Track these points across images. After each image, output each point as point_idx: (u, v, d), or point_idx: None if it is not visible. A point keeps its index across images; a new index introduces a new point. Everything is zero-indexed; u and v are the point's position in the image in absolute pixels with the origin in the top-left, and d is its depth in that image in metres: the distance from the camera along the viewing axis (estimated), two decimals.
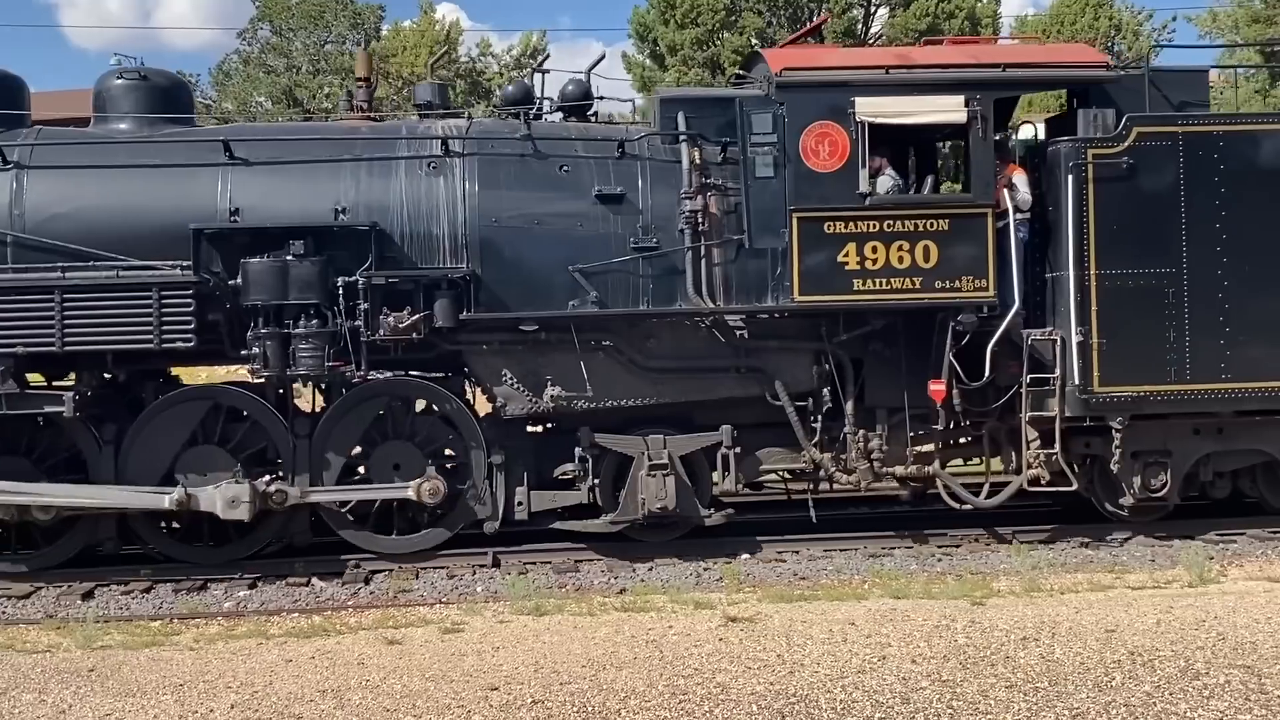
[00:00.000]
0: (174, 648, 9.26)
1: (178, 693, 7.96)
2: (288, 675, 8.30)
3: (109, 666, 8.65)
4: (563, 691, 7.70)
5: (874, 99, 11.49)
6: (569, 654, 8.54)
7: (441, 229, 11.59)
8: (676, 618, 9.56)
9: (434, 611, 10.16)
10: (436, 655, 8.64)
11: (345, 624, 9.84)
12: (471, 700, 7.58)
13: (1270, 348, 11.69)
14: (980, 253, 11.53)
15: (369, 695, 7.73)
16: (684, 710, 7.35)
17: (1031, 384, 11.70)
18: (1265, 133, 11.75)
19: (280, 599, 10.93)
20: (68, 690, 8.07)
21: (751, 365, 11.91)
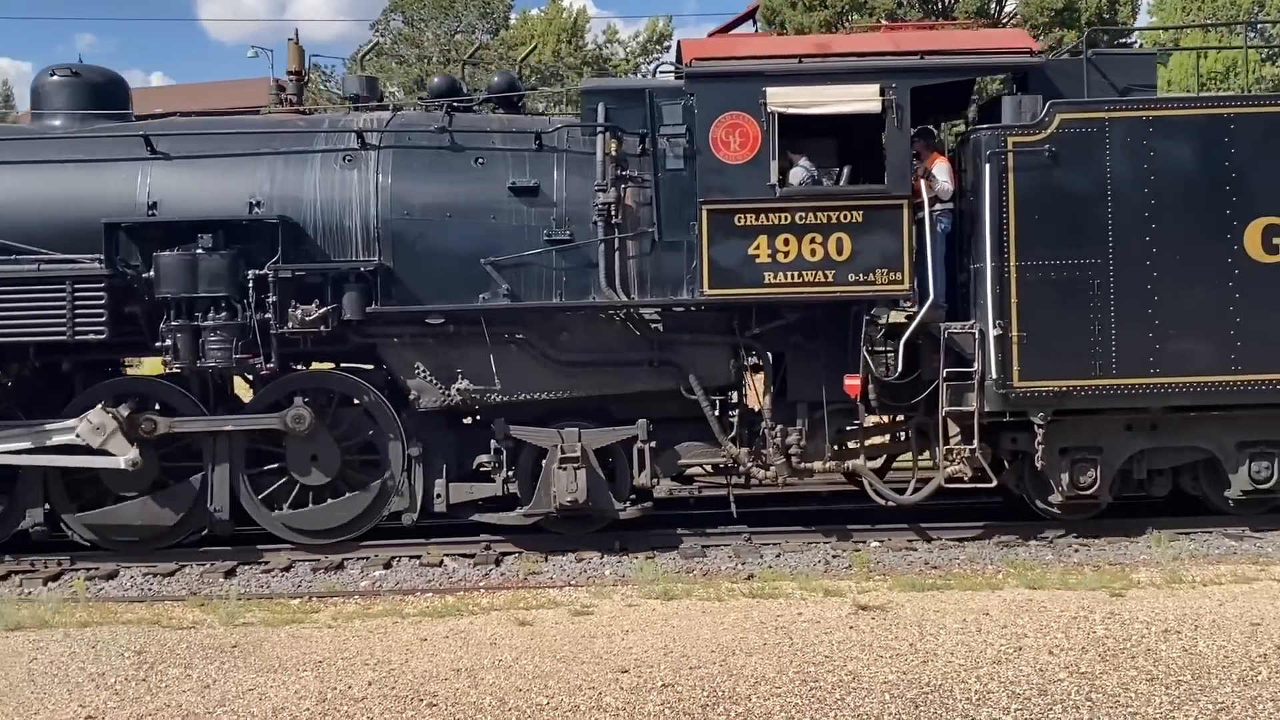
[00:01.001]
0: (313, 625, 9.45)
1: (317, 669, 8.10)
2: (423, 654, 8.42)
3: (251, 643, 8.85)
4: (692, 676, 7.71)
5: (785, 89, 11.26)
6: (698, 638, 8.55)
7: (354, 221, 11.62)
8: (805, 604, 9.52)
9: (563, 594, 10.26)
10: (567, 637, 8.73)
11: (477, 604, 9.98)
12: (602, 682, 7.63)
13: (1201, 341, 11.27)
14: (895, 245, 11.26)
15: (502, 675, 7.83)
16: (815, 698, 7.31)
17: (952, 379, 11.41)
18: (1197, 117, 11.32)
19: (414, 579, 11.15)
20: (212, 665, 8.26)
21: (666, 359, 11.78)
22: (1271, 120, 11.29)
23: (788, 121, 11.41)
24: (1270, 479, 11.58)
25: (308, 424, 11.60)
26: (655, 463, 11.87)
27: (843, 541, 11.96)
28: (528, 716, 7.13)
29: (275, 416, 11.66)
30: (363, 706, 7.32)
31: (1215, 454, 11.68)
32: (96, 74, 12.71)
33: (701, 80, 11.35)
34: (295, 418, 11.59)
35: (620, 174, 11.56)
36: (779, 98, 11.24)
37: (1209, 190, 11.25)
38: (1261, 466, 11.58)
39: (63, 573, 11.55)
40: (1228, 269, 11.22)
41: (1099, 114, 11.28)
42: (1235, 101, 11.46)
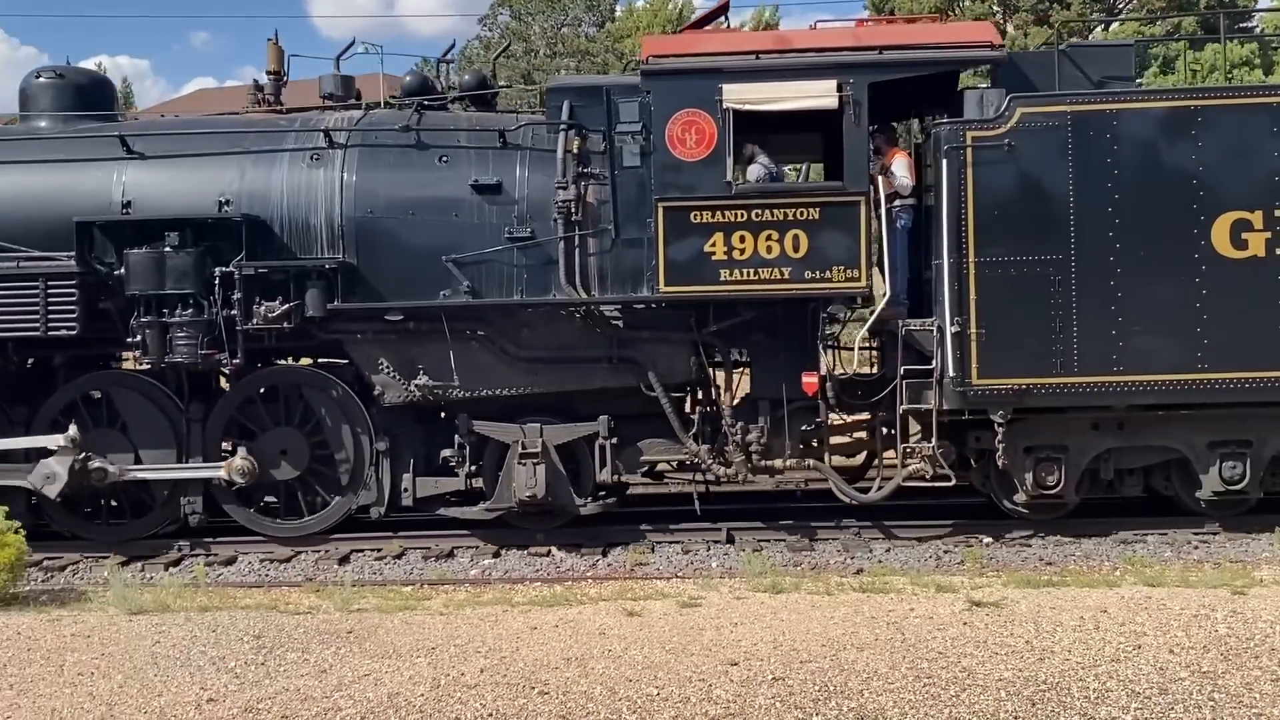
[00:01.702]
0: (425, 612, 9.58)
1: (430, 655, 8.19)
2: (533, 642, 8.50)
3: (366, 628, 8.99)
4: (803, 670, 7.68)
5: (742, 85, 11.22)
6: (807, 632, 8.52)
7: (319, 219, 11.80)
8: (918, 600, 9.48)
9: (670, 585, 10.31)
10: (675, 628, 8.74)
11: (585, 594, 10.08)
12: (712, 674, 7.63)
13: (1167, 338, 11.04)
14: (852, 242, 11.16)
15: (611, 665, 7.86)
16: (929, 694, 7.24)
17: (913, 376, 11.29)
18: (1163, 109, 11.08)
19: (523, 568, 11.33)
20: (328, 650, 8.40)
21: (625, 356, 11.80)
22: (1240, 112, 11.02)
23: (749, 118, 11.39)
24: (1242, 480, 11.31)
25: (251, 476, 11.80)
26: (617, 459, 11.90)
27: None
28: (638, 707, 7.13)
29: (220, 466, 11.86)
30: (475, 693, 7.39)
31: (1186, 454, 11.43)
32: (82, 76, 13.08)
33: (657, 77, 11.35)
34: (239, 470, 11.79)
35: (582, 171, 11.59)
36: (735, 94, 11.20)
37: (1175, 184, 11.00)
38: (1233, 467, 11.31)
39: (182, 558, 11.87)
40: (1194, 265, 10.97)
41: (1061, 107, 11.08)
42: (1202, 94, 11.17)
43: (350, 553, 11.79)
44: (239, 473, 11.81)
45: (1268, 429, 11.34)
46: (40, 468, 11.75)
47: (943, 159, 11.06)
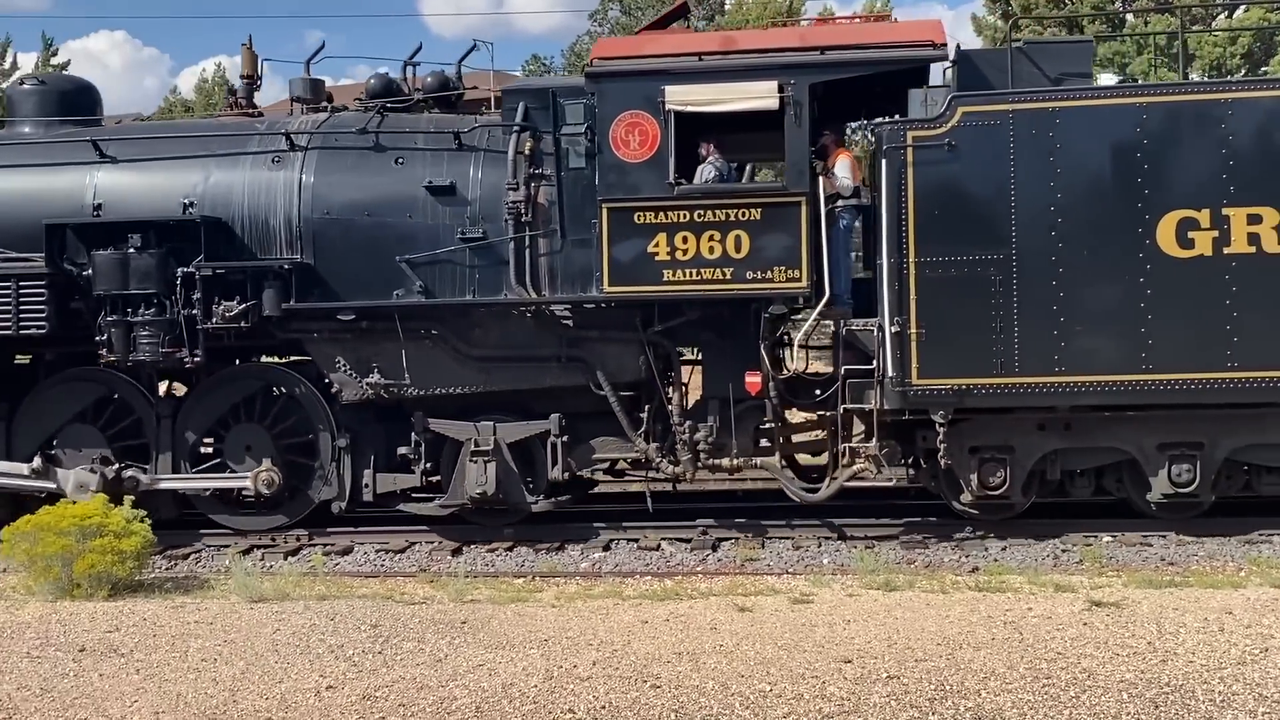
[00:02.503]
0: (537, 604, 9.70)
1: (543, 647, 8.25)
2: (644, 636, 8.49)
3: (479, 619, 9.07)
4: (918, 668, 7.57)
5: (684, 87, 11.30)
6: (922, 631, 8.42)
7: (278, 220, 12.10)
8: (1035, 599, 9.35)
9: (781, 581, 10.30)
10: (787, 625, 8.70)
11: (696, 589, 10.10)
12: (825, 671, 7.56)
13: (1110, 339, 10.91)
14: (793, 242, 11.18)
15: (723, 660, 7.84)
16: (1048, 694, 7.10)
17: (855, 376, 11.29)
18: (1106, 107, 10.95)
19: (633, 562, 11.38)
20: (443, 640, 8.47)
21: (575, 355, 11.94)
22: (1185, 109, 10.86)
23: (696, 119, 11.47)
24: (1192, 482, 11.15)
25: (277, 487, 12.13)
26: (570, 457, 12.04)
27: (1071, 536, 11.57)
28: (751, 703, 7.06)
29: (248, 476, 12.17)
30: (588, 685, 7.39)
31: (1135, 456, 11.29)
32: (65, 82, 13.62)
33: (602, 79, 11.47)
34: (265, 481, 12.13)
35: (533, 173, 11.74)
36: (677, 96, 11.28)
37: (1119, 183, 10.87)
38: (1182, 469, 11.16)
39: (300, 548, 12.10)
40: (1139, 264, 10.83)
41: (1002, 106, 11.00)
42: (1146, 90, 11.03)
43: (462, 545, 11.97)
44: (265, 484, 12.14)
45: (1219, 431, 11.17)
46: (73, 478, 12.19)
47: (883, 159, 11.04)
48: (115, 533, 10.16)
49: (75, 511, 10.22)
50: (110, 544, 10.06)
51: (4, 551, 10.42)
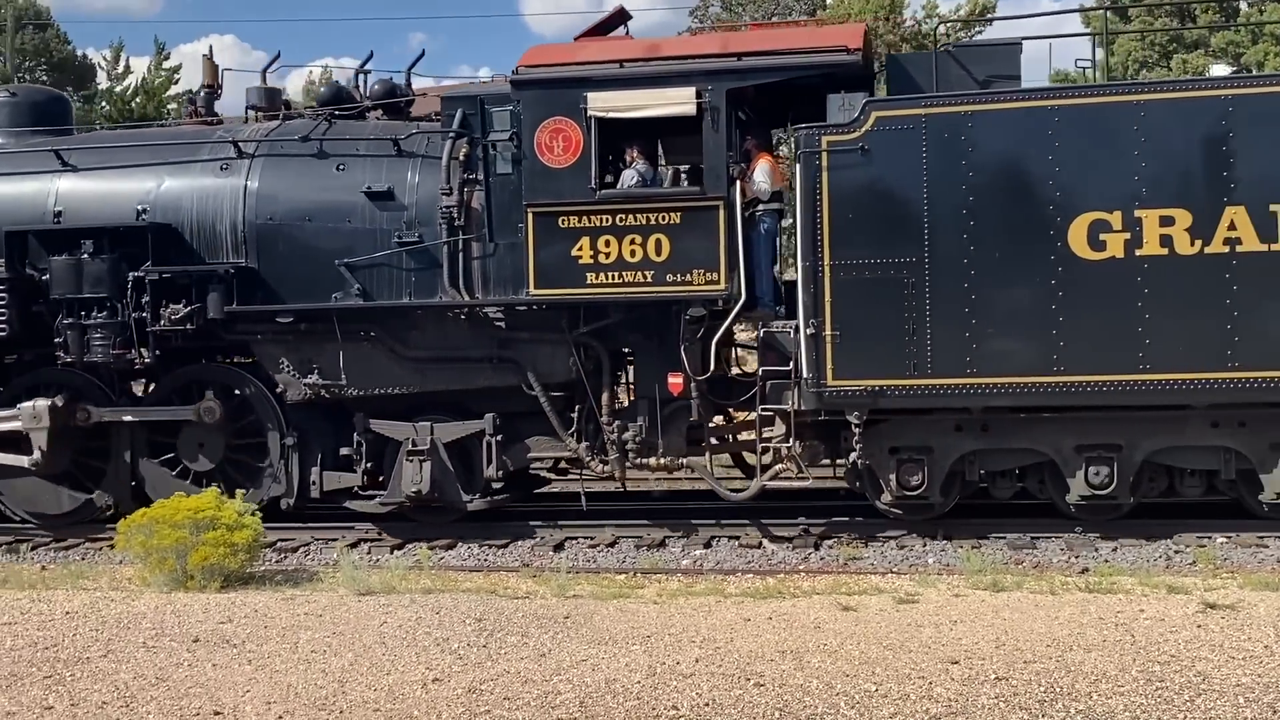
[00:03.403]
0: (639, 600, 9.68)
1: (645, 644, 8.21)
2: (747, 634, 8.45)
3: (582, 614, 9.08)
4: (1027, 670, 7.45)
5: (606, 93, 11.52)
6: (1031, 632, 8.29)
7: (225, 226, 12.52)
8: (1147, 601, 9.15)
9: (886, 581, 10.24)
10: (892, 625, 8.61)
11: (798, 587, 10.03)
12: (932, 672, 7.44)
13: (1022, 341, 10.96)
14: (711, 245, 11.37)
15: (827, 659, 7.76)
16: (1161, 698, 6.94)
17: (775, 377, 11.45)
18: (1018, 110, 10.99)
19: (734, 559, 11.42)
20: (546, 635, 8.50)
21: (506, 356, 12.21)
22: (1097, 112, 10.86)
23: (621, 125, 11.69)
24: (1109, 484, 11.16)
25: (218, 416, 12.55)
26: (505, 455, 12.32)
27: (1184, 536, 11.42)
28: (856, 703, 6.97)
29: (189, 409, 12.64)
30: (691, 682, 7.37)
31: (1053, 457, 11.32)
32: (38, 94, 14.23)
33: (526, 87, 11.73)
34: (206, 410, 12.56)
35: (467, 178, 12.04)
36: (599, 103, 11.51)
37: (1032, 186, 10.91)
38: (1099, 471, 11.17)
39: (406, 542, 12.34)
40: (1050, 267, 10.85)
41: (915, 110, 11.09)
42: (1058, 93, 11.06)
43: (564, 540, 12.15)
44: (206, 413, 12.56)
45: (1137, 433, 11.16)
46: (25, 409, 12.68)
47: (798, 163, 11.18)
48: (228, 526, 10.36)
49: (189, 505, 10.49)
50: (223, 537, 10.26)
51: (121, 544, 10.73)
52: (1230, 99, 10.63)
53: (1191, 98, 10.76)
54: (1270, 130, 10.58)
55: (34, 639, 8.65)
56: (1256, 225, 10.57)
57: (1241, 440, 11.03)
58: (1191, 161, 10.72)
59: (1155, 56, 32.18)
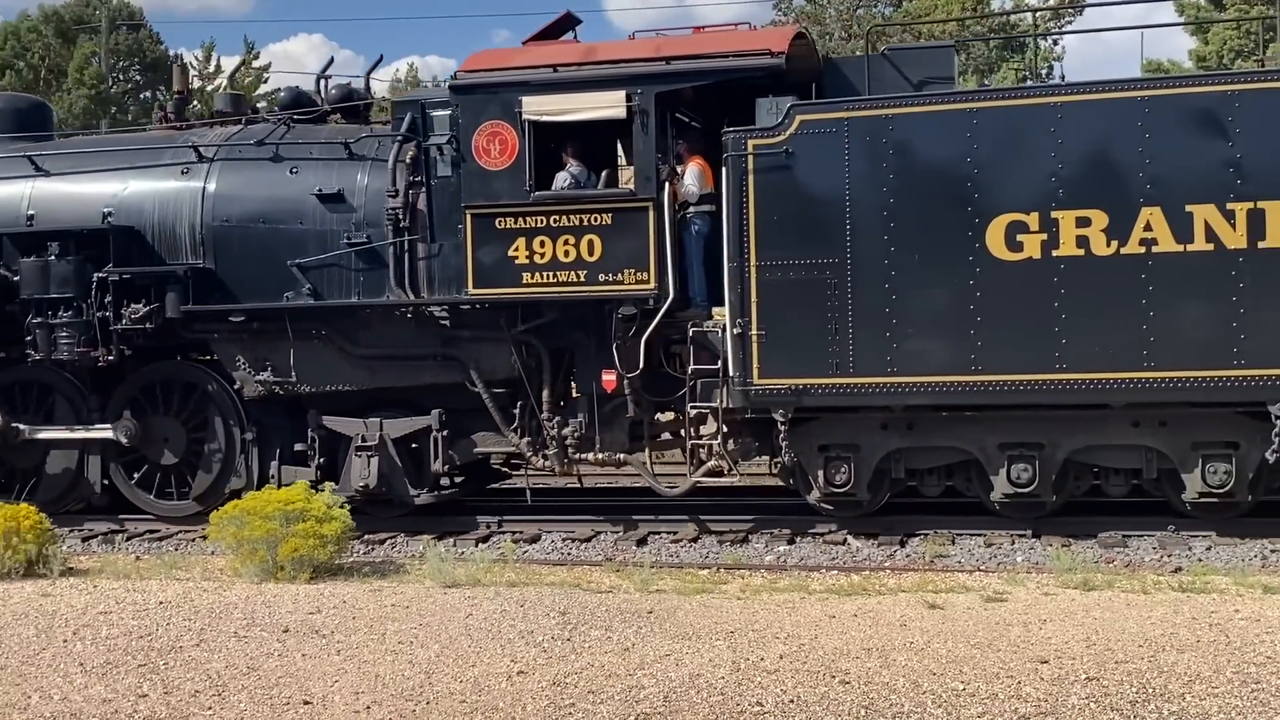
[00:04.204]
0: (722, 596, 9.65)
1: (729, 639, 8.20)
2: (831, 631, 8.40)
3: (665, 609, 9.07)
4: (1118, 670, 7.33)
5: (540, 98, 11.81)
6: (1122, 632, 8.17)
7: (184, 228, 12.98)
8: (1243, 601, 9.04)
9: (973, 579, 10.15)
10: (980, 623, 8.52)
11: (884, 585, 10.00)
12: (1020, 671, 7.35)
13: (941, 341, 11.09)
14: (641, 246, 11.62)
15: (913, 657, 7.69)
16: (1257, 700, 6.78)
17: (705, 376, 11.68)
18: (937, 113, 11.12)
19: (818, 556, 11.40)
20: (630, 629, 8.49)
21: (450, 354, 12.54)
22: (1015, 114, 10.97)
23: (558, 128, 11.98)
24: (1031, 482, 11.27)
25: (135, 438, 13.07)
26: (452, 450, 12.67)
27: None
28: (943, 702, 6.86)
29: (109, 428, 13.13)
30: (775, 679, 7.32)
31: (976, 456, 11.45)
32: (20, 102, 14.82)
33: (464, 92, 12.05)
34: (125, 430, 13.07)
35: (413, 180, 12.39)
36: (533, 106, 11.80)
37: (950, 188, 11.02)
38: (1021, 469, 11.28)
39: (491, 535, 12.53)
40: (969, 268, 10.97)
41: (838, 114, 11.25)
42: (977, 96, 11.18)
43: (647, 535, 12.24)
44: (125, 434, 13.06)
45: (1059, 432, 11.26)
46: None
47: (725, 166, 11.39)
48: (317, 518, 10.53)
49: (279, 497, 10.69)
50: (312, 529, 10.42)
51: (213, 535, 10.97)
52: (1146, 100, 10.68)
53: (1107, 99, 10.80)
54: (1186, 130, 10.63)
55: (129, 628, 8.84)
56: (1172, 226, 10.62)
57: (1162, 440, 11.09)
58: (1108, 163, 10.78)
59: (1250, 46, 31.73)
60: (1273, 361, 10.50)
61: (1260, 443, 10.73)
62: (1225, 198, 10.53)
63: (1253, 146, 10.48)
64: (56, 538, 11.28)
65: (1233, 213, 10.52)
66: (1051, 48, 33.17)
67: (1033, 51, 30.87)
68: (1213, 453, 10.98)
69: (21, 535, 10.63)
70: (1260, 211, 10.47)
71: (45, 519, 11.03)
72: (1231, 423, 10.92)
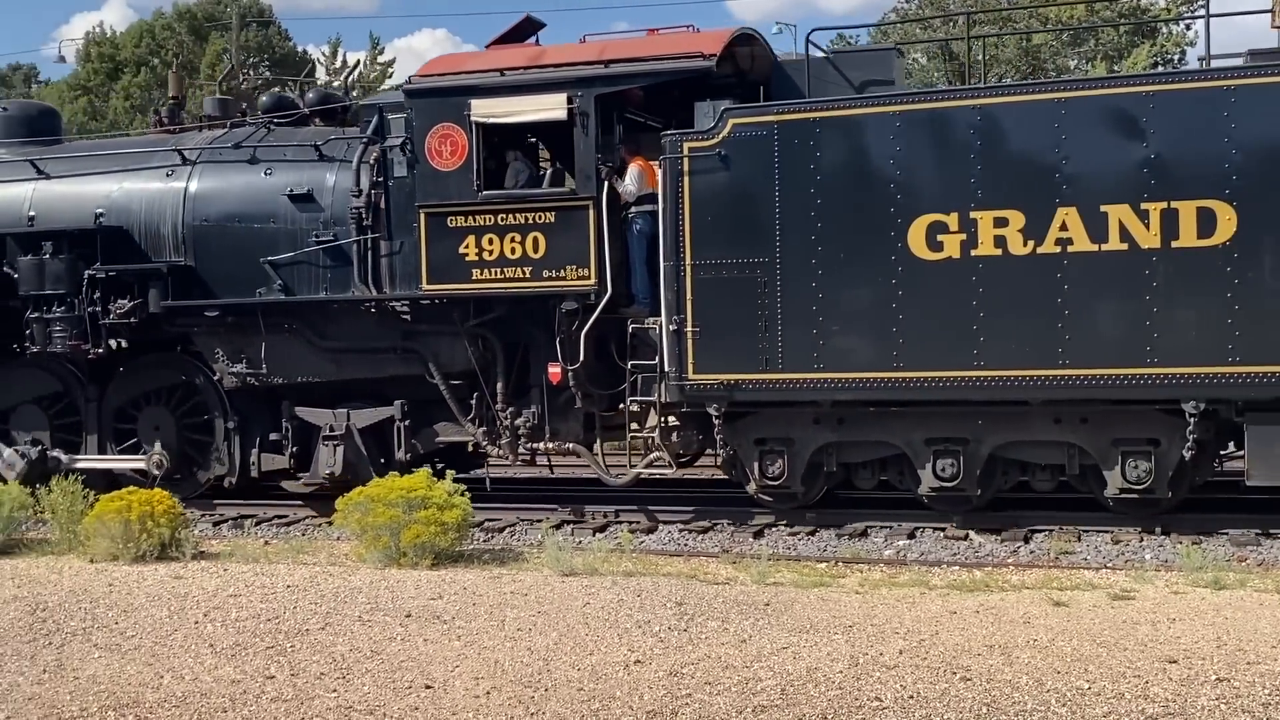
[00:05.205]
0: (840, 590, 9.58)
1: (848, 634, 8.10)
2: (952, 627, 8.25)
3: (782, 602, 9.01)
4: (1251, 671, 7.10)
5: (487, 101, 12.29)
6: (1255, 632, 7.94)
7: (168, 227, 13.70)
8: None
9: (1099, 576, 9.97)
10: (1106, 621, 8.34)
11: (1007, 581, 9.86)
12: (1148, 671, 7.17)
13: (864, 338, 11.36)
14: (582, 243, 12.05)
15: (1037, 655, 7.54)
16: None
17: (644, 371, 12.08)
18: (861, 116, 11.37)
19: (939, 551, 11.26)
20: (746, 621, 8.45)
21: (410, 347, 13.10)
22: (936, 116, 11.18)
23: (508, 130, 12.46)
24: (956, 476, 11.49)
25: (166, 468, 13.72)
26: (415, 440, 13.23)
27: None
28: (1068, 700, 6.73)
29: (143, 459, 13.86)
30: (895, 674, 7.21)
31: (904, 450, 11.69)
32: (30, 109, 15.62)
33: (418, 95, 12.57)
34: (157, 463, 13.79)
35: (376, 180, 12.95)
36: (481, 109, 12.29)
37: (874, 189, 11.27)
38: (946, 463, 11.50)
39: (607, 525, 12.59)
40: (891, 267, 11.22)
41: (768, 118, 11.55)
42: (899, 99, 11.34)
43: (764, 527, 12.20)
44: (157, 465, 13.80)
45: (983, 428, 11.45)
46: (4, 456, 14.13)
47: (661, 168, 11.76)
48: (438, 505, 10.68)
49: (402, 484, 10.85)
50: (434, 516, 10.55)
51: (339, 520, 11.18)
52: (1062, 102, 10.82)
53: (1025, 101, 10.96)
54: (1102, 132, 10.75)
55: (257, 610, 9.02)
56: (1088, 226, 10.75)
57: (1083, 436, 11.23)
58: (1025, 164, 10.95)
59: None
60: (1185, 360, 10.61)
61: (1180, 440, 10.84)
62: (1139, 198, 10.63)
63: (1166, 147, 10.58)
64: (189, 522, 11.69)
65: (1147, 213, 10.62)
66: (1184, 32, 32.41)
67: (1164, 37, 30.37)
68: (1133, 449, 11.10)
69: (156, 519, 10.94)
70: (1174, 211, 10.56)
71: (178, 504, 11.41)
72: (1152, 420, 11.03)
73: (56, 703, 7.10)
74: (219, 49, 43.63)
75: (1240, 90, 10.39)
